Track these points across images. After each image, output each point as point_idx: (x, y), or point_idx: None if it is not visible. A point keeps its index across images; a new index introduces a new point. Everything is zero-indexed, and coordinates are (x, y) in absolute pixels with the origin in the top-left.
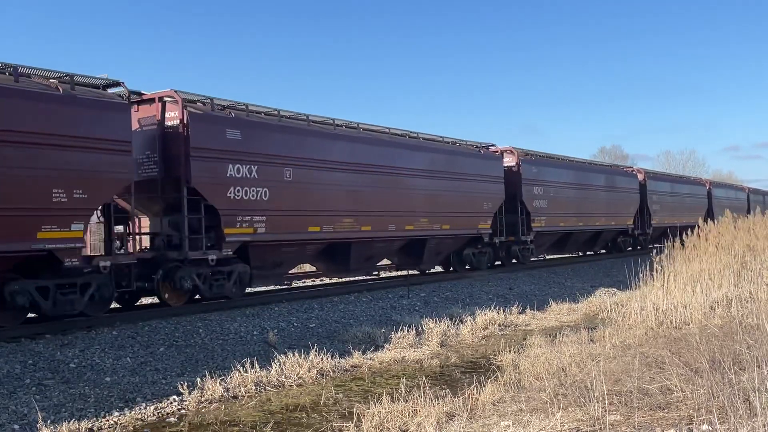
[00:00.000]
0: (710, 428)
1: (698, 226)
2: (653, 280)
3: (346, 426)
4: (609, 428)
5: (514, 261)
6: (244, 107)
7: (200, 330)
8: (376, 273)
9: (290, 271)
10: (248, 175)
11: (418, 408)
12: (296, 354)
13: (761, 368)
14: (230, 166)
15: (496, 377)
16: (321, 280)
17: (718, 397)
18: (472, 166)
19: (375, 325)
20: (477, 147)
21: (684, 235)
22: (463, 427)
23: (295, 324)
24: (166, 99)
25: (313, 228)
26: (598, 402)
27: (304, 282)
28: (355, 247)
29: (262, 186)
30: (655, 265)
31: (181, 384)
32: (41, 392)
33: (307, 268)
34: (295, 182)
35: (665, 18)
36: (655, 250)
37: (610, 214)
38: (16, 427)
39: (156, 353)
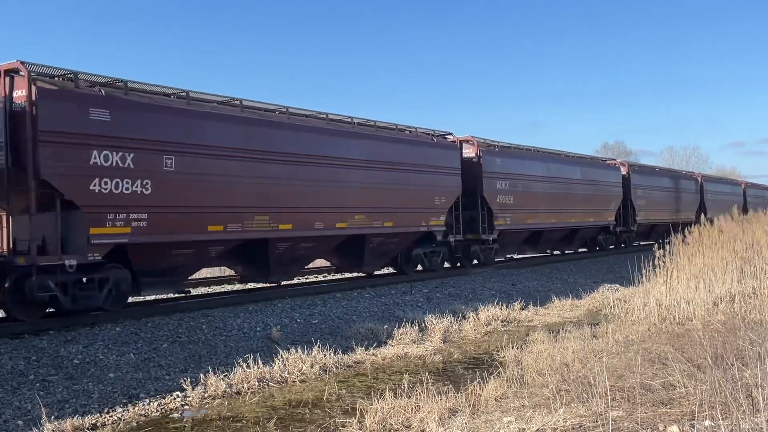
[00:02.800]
0: (713, 424)
1: (700, 222)
2: (656, 276)
3: (349, 422)
4: (611, 424)
5: (622, 245)
6: (496, 142)
7: (203, 326)
8: (550, 252)
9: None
10: (504, 188)
11: (421, 404)
12: (299, 350)
13: (764, 364)
14: (498, 182)
15: (498, 373)
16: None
17: (720, 393)
18: (605, 175)
19: (378, 321)
20: (604, 160)
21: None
22: (465, 423)
23: (297, 320)
24: (462, 141)
25: (530, 221)
26: (600, 398)
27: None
28: (548, 233)
29: (511, 194)
30: (657, 261)
31: (184, 380)
32: (45, 388)
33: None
34: (522, 191)
35: (668, 13)
36: (656, 246)
37: (680, 209)
38: (20, 422)
39: (159, 349)
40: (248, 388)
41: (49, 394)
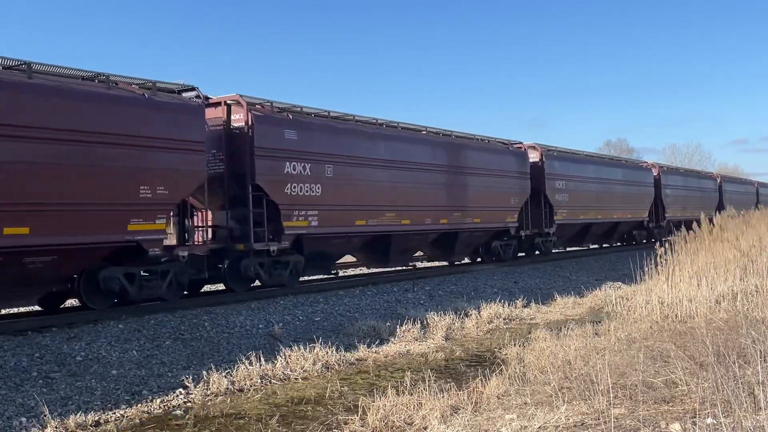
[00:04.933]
0: (715, 422)
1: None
2: (658, 273)
3: (352, 419)
4: (613, 421)
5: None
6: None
7: (206, 323)
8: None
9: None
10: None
11: (423, 401)
12: (301, 347)
13: (766, 362)
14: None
15: (500, 371)
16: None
17: (722, 391)
18: (708, 184)
19: (380, 319)
20: (705, 172)
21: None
22: (467, 421)
23: (300, 317)
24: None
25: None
26: (602, 395)
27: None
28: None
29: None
30: (660, 259)
31: (186, 377)
32: (48, 385)
33: None
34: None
35: (671, 10)
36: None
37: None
38: (23, 419)
39: (162, 346)
40: (251, 386)
41: (52, 391)
